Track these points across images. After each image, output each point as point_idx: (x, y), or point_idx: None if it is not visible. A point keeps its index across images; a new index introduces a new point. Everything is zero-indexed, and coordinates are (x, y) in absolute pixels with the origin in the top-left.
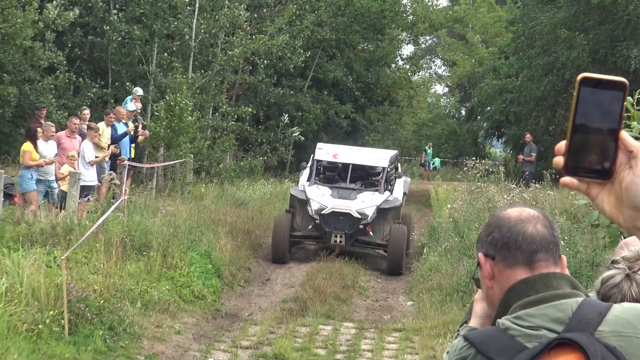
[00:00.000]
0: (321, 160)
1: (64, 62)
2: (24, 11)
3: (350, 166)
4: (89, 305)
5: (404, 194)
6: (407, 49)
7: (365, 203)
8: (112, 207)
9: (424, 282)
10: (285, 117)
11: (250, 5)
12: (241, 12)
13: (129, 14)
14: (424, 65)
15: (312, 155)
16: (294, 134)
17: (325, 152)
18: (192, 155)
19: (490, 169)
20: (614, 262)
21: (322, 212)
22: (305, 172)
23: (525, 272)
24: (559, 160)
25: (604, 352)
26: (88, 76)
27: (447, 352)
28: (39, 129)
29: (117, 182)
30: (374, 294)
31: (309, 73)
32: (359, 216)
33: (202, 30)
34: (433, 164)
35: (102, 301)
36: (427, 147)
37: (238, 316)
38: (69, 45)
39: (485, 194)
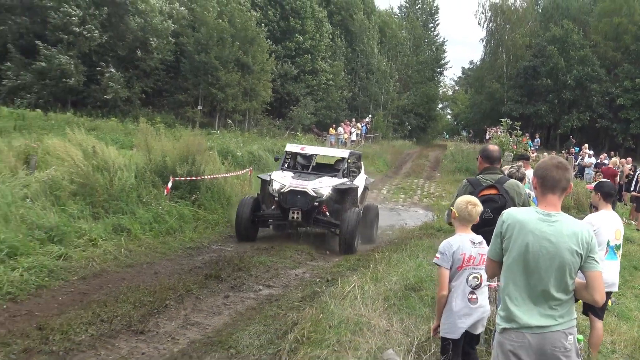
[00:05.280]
0: (290, 152)
1: (346, 106)
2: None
3: (315, 156)
4: None
5: (365, 188)
6: (439, 105)
7: (322, 183)
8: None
9: (443, 168)
10: (407, 125)
11: (397, 88)
12: (395, 93)
13: (365, 92)
14: (445, 110)
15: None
16: (406, 125)
17: (295, 145)
18: (380, 133)
19: (462, 139)
20: (512, 166)
21: (282, 190)
22: (278, 164)
23: (488, 164)
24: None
25: (504, 190)
26: (353, 111)
27: (458, 187)
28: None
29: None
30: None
31: (410, 109)
32: (314, 194)
33: (384, 97)
34: (446, 137)
35: None
36: (444, 132)
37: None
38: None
39: (460, 145)
